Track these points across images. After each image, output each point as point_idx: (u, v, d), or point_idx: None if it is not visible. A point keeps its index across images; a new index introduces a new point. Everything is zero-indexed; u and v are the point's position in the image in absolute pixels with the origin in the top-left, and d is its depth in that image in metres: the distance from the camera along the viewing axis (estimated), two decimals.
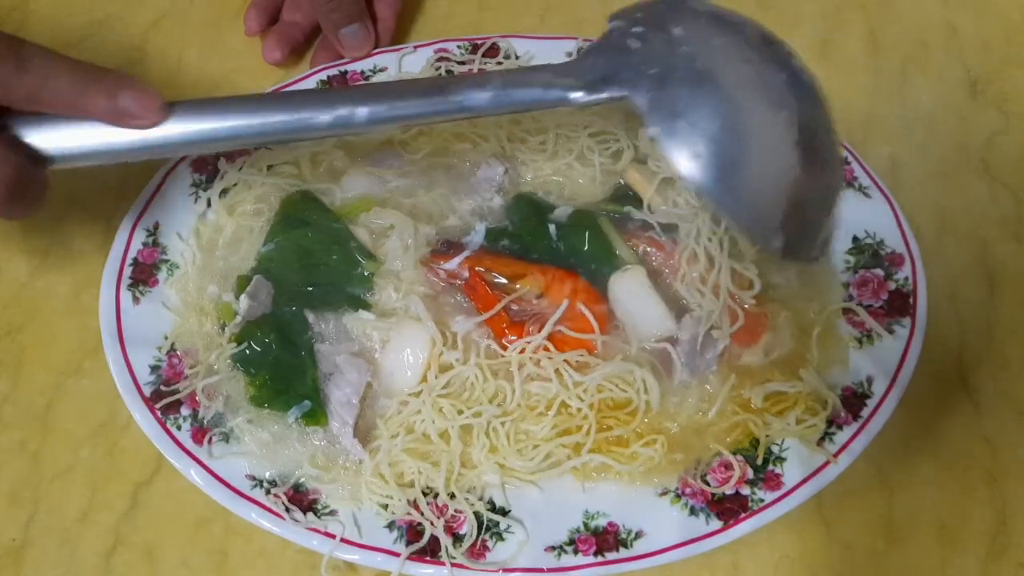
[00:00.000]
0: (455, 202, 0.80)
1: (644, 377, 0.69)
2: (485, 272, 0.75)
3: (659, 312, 0.72)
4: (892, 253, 0.77)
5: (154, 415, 0.69)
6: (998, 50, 0.96)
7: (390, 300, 0.74)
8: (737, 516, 0.66)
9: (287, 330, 0.72)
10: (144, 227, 0.78)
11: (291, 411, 0.69)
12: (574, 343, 0.71)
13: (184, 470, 0.67)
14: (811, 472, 0.67)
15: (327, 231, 0.77)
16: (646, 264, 0.75)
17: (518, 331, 0.72)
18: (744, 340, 0.72)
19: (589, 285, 0.74)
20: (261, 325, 0.72)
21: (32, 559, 0.68)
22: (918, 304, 0.74)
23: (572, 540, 0.66)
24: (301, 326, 0.73)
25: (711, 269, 0.73)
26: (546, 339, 0.71)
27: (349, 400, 0.69)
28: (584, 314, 0.72)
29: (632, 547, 0.65)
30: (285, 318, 0.73)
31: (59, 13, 1.01)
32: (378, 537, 0.65)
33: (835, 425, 0.69)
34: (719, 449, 0.68)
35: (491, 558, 0.65)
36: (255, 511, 0.66)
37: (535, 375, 0.70)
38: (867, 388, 0.71)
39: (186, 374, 0.71)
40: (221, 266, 0.77)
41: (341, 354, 0.71)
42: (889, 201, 0.79)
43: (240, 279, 0.75)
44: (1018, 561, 0.68)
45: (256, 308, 0.73)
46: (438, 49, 0.89)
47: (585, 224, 0.77)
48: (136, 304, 0.74)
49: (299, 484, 0.68)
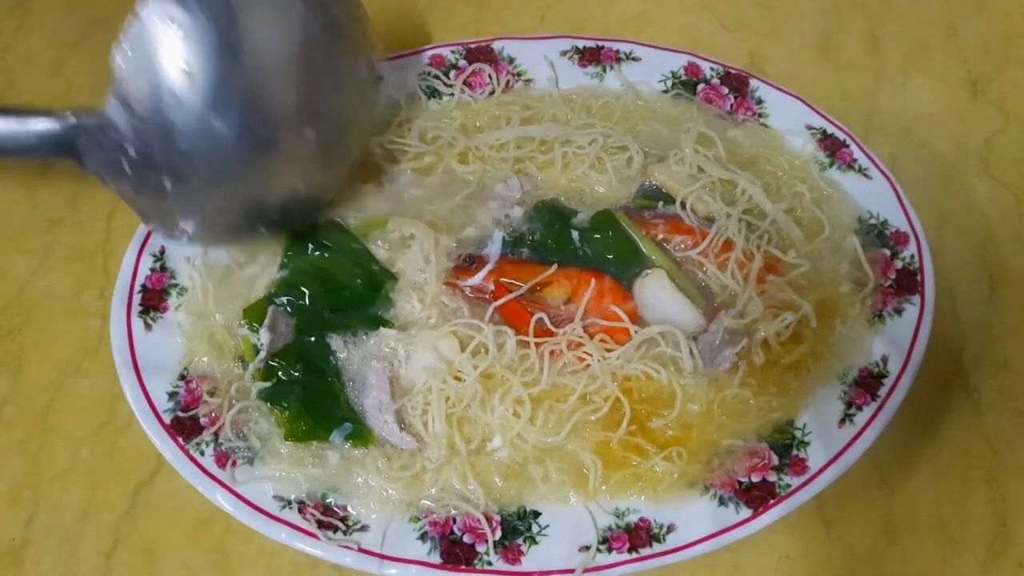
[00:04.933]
0: (473, 212, 0.80)
1: (676, 341, 0.70)
2: (511, 284, 0.75)
3: (685, 310, 0.73)
4: (897, 232, 0.78)
5: (176, 442, 0.68)
6: (998, 50, 0.96)
7: (413, 312, 0.74)
8: (766, 503, 0.66)
9: (313, 358, 0.72)
10: (150, 252, 0.77)
11: (333, 435, 0.69)
12: (608, 332, 0.72)
13: (211, 495, 0.66)
14: (835, 454, 0.67)
15: (347, 253, 0.77)
16: (670, 254, 0.76)
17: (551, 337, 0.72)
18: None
19: (616, 283, 0.75)
20: (286, 356, 0.72)
21: (32, 559, 0.68)
22: (926, 280, 0.75)
23: (605, 538, 0.66)
24: (326, 351, 0.73)
25: (746, 263, 0.74)
26: (579, 336, 0.71)
27: (381, 402, 0.70)
28: (616, 313, 0.73)
29: (665, 541, 0.65)
30: (309, 346, 0.73)
31: (59, 13, 1.01)
32: (411, 549, 0.65)
33: (855, 406, 0.69)
34: (739, 435, 0.69)
35: (526, 562, 0.65)
36: (285, 532, 0.65)
37: (570, 363, 0.70)
38: (883, 367, 0.71)
39: (205, 399, 0.71)
40: (232, 293, 0.76)
41: (355, 365, 0.72)
42: (890, 181, 0.80)
43: (248, 310, 0.74)
44: (1018, 561, 0.68)
45: (278, 340, 0.72)
46: (432, 56, 0.89)
47: (606, 224, 0.78)
48: (148, 331, 0.74)
49: (328, 502, 0.67)
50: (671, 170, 0.80)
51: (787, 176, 0.82)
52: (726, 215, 0.77)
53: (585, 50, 0.90)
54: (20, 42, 0.99)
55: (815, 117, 0.85)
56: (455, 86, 0.88)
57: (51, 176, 0.88)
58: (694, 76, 0.88)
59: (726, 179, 0.80)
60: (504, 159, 0.83)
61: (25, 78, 0.96)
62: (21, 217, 0.85)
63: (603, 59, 0.89)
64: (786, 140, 0.85)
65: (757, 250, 0.75)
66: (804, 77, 0.93)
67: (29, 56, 0.98)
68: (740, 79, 0.87)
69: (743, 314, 0.72)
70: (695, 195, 0.78)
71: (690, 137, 0.82)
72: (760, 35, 0.97)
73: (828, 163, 0.83)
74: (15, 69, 0.97)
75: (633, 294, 0.74)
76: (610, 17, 0.99)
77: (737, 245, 0.75)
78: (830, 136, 0.84)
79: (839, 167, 0.82)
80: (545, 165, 0.83)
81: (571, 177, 0.82)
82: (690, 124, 0.84)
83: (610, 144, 0.82)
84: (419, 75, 0.88)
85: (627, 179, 0.82)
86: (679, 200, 0.78)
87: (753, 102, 0.87)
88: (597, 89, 0.89)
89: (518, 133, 0.84)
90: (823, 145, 0.83)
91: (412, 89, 0.88)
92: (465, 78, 0.88)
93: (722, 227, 0.76)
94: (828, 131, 0.84)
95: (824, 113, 0.84)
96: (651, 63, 0.89)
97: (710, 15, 0.99)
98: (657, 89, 0.88)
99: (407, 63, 0.89)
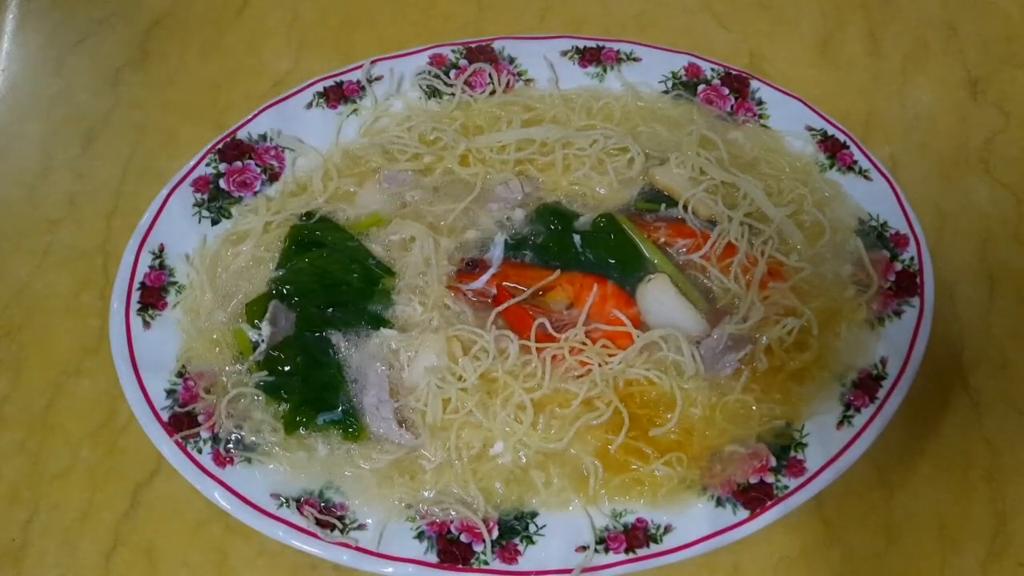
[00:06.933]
0: (474, 214, 0.80)
1: (678, 345, 0.70)
2: (513, 288, 0.75)
3: (688, 315, 0.73)
4: (896, 234, 0.78)
5: (176, 442, 0.68)
6: (998, 50, 0.96)
7: (415, 314, 0.74)
8: (763, 504, 0.66)
9: (314, 351, 0.72)
10: (149, 250, 0.77)
11: (320, 416, 0.69)
12: (611, 336, 0.72)
13: (208, 493, 0.67)
14: (833, 456, 0.67)
15: (343, 250, 0.77)
16: (673, 258, 0.76)
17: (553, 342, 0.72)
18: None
19: (619, 288, 0.75)
20: (286, 349, 0.72)
21: (32, 559, 0.68)
22: (925, 283, 0.75)
23: (602, 539, 0.66)
24: (327, 345, 0.73)
25: (750, 267, 0.74)
26: (582, 342, 0.71)
27: (380, 399, 0.70)
28: (619, 318, 0.73)
29: (662, 542, 0.65)
30: (310, 340, 0.73)
31: (59, 13, 1.01)
32: (409, 548, 0.65)
33: (853, 408, 0.69)
34: (740, 441, 0.69)
35: (523, 562, 0.65)
36: (283, 529, 0.65)
37: (572, 367, 0.70)
38: (882, 369, 0.71)
39: (202, 396, 0.71)
40: (230, 291, 0.76)
41: (355, 364, 0.72)
42: (890, 183, 0.80)
43: (249, 306, 0.75)
44: (1018, 561, 0.68)
45: (277, 333, 0.73)
46: (433, 55, 0.89)
47: (608, 228, 0.77)
48: (147, 329, 0.74)
49: (327, 499, 0.68)
50: (673, 173, 0.80)
51: (788, 179, 0.82)
52: (728, 218, 0.77)
53: (585, 50, 0.90)
54: (20, 42, 0.99)
55: (815, 118, 0.85)
56: (456, 86, 0.88)
57: (51, 176, 0.88)
58: (694, 77, 0.88)
59: (728, 182, 0.80)
60: (505, 161, 0.83)
61: (25, 78, 0.96)
62: (21, 217, 0.85)
63: (603, 59, 0.89)
64: (787, 142, 0.85)
65: (761, 255, 0.75)
66: (804, 77, 0.93)
67: (29, 56, 0.98)
68: (741, 80, 0.87)
69: (746, 319, 0.72)
70: (697, 198, 0.78)
71: (692, 140, 0.82)
72: (760, 35, 0.97)
73: (828, 164, 0.83)
74: (15, 69, 0.97)
75: (636, 299, 0.74)
76: (610, 17, 0.99)
77: (740, 249, 0.75)
78: (830, 137, 0.84)
79: (839, 168, 0.82)
80: (546, 167, 0.83)
81: (572, 179, 0.82)
82: (692, 126, 0.84)
83: (611, 146, 0.82)
84: (419, 75, 0.88)
85: (628, 180, 0.82)
86: (681, 203, 0.78)
87: (754, 103, 0.87)
88: (597, 90, 0.89)
89: (519, 135, 0.84)
90: (823, 146, 0.83)
91: (412, 89, 0.88)
92: (466, 78, 0.88)
93: (724, 230, 0.76)
94: (828, 132, 0.84)
95: (824, 114, 0.85)
96: (651, 63, 0.89)
97: (710, 15, 0.99)
98: (657, 89, 0.88)
99: (407, 63, 0.89)
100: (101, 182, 0.86)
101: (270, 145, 0.84)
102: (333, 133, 0.86)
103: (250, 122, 0.84)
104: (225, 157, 0.82)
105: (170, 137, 0.90)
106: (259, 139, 0.84)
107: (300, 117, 0.86)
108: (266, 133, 0.84)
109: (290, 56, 0.96)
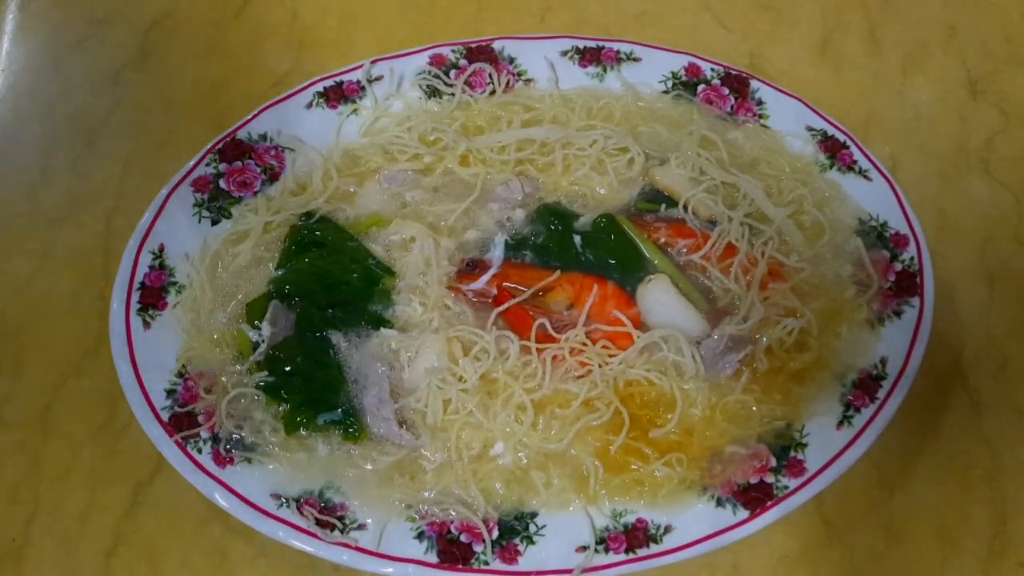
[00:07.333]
0: (474, 215, 0.80)
1: (678, 346, 0.70)
2: (513, 288, 0.75)
3: (689, 316, 0.73)
4: (896, 234, 0.78)
5: (176, 442, 0.68)
6: (998, 50, 0.96)
7: (415, 314, 0.74)
8: (763, 504, 0.66)
9: (314, 350, 0.72)
10: (149, 250, 0.77)
11: (320, 417, 0.69)
12: (611, 337, 0.72)
13: (208, 493, 0.66)
14: (833, 456, 0.67)
15: (343, 250, 0.77)
16: (673, 258, 0.76)
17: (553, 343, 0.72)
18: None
19: (619, 289, 0.75)
20: (286, 348, 0.72)
21: (32, 559, 0.68)
22: (925, 283, 0.75)
23: (602, 539, 0.66)
24: (327, 345, 0.73)
25: (750, 267, 0.74)
26: (582, 342, 0.71)
27: (380, 399, 0.70)
28: (619, 318, 0.73)
29: (662, 542, 0.65)
30: (310, 340, 0.73)
31: (59, 13, 1.01)
32: (408, 548, 0.65)
33: (853, 408, 0.69)
34: (740, 441, 0.69)
35: (523, 562, 0.65)
36: (283, 529, 0.65)
37: (572, 368, 0.70)
38: (882, 369, 0.71)
39: (202, 396, 0.71)
40: (230, 291, 0.76)
41: (355, 364, 0.72)
42: (890, 183, 0.80)
43: (249, 306, 0.75)
44: (1018, 561, 0.68)
45: (278, 333, 0.73)
46: (433, 55, 0.89)
47: (609, 228, 0.78)
48: (147, 329, 0.74)
49: (327, 500, 0.68)
50: (673, 173, 0.80)
51: (788, 179, 0.82)
52: (728, 219, 0.77)
53: (585, 50, 0.90)
54: (20, 42, 0.99)
55: (815, 118, 0.85)
56: (456, 86, 0.88)
57: (51, 176, 0.88)
58: (694, 77, 0.88)
59: (728, 182, 0.80)
60: (505, 161, 0.83)
61: (25, 78, 0.96)
62: (21, 217, 0.85)
63: (603, 59, 0.89)
64: (787, 142, 0.85)
65: (761, 256, 0.75)
66: (804, 77, 0.93)
67: (29, 56, 0.98)
68: (741, 80, 0.87)
69: (746, 320, 0.72)
70: (697, 198, 0.78)
71: (692, 140, 0.82)
72: (760, 35, 0.97)
73: (828, 165, 0.83)
74: (15, 69, 0.97)
75: (636, 299, 0.74)
76: (610, 17, 0.99)
77: (741, 249, 0.75)
78: (830, 137, 0.84)
79: (839, 168, 0.82)
80: (546, 167, 0.83)
81: (572, 179, 0.82)
82: (692, 126, 0.84)
83: (611, 146, 0.82)
84: (419, 75, 0.88)
85: (628, 181, 0.82)
86: (681, 203, 0.78)
87: (754, 103, 0.87)
88: (597, 90, 0.89)
89: (519, 135, 0.84)
90: (823, 147, 0.84)
91: (412, 89, 0.88)
92: (466, 78, 0.88)
93: (724, 230, 0.76)
94: (828, 132, 0.84)
95: (824, 114, 0.85)
96: (651, 63, 0.89)
97: (710, 15, 0.99)
98: (657, 89, 0.89)
99: (407, 63, 0.89)
100: (101, 182, 0.86)
101: (270, 145, 0.84)
102: (333, 133, 0.86)
103: (250, 122, 0.84)
104: (225, 157, 0.82)
105: (170, 137, 0.90)
106: (259, 139, 0.84)
107: (300, 117, 0.86)
108: (266, 133, 0.84)
109: (290, 56, 0.96)
